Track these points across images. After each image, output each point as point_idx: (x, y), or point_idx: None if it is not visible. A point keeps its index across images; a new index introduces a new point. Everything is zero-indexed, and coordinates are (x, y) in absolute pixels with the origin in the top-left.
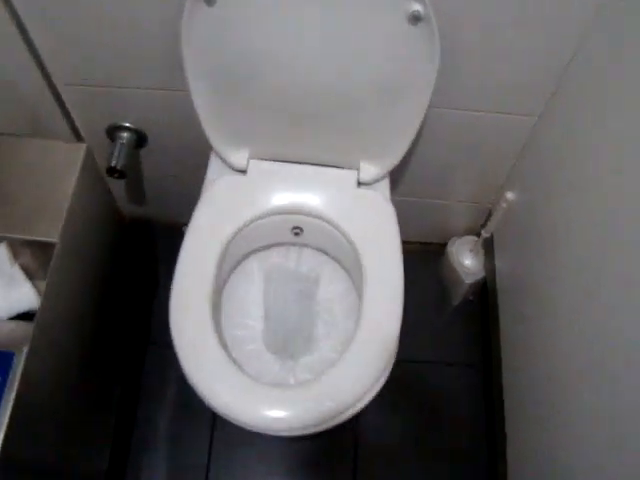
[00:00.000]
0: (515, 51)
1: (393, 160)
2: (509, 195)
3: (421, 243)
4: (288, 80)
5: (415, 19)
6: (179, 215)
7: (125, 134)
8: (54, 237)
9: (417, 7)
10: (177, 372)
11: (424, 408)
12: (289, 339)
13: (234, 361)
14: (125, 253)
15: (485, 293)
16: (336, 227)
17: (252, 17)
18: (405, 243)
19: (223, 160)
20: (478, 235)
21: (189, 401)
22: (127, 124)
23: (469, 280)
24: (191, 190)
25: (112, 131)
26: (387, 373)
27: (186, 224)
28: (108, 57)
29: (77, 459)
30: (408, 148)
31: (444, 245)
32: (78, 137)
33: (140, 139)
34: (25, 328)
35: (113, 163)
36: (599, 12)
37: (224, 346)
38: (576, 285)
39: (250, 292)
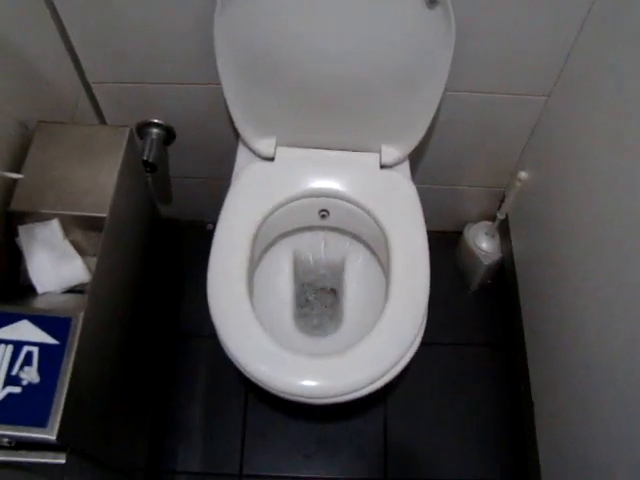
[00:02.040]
0: (524, 31)
1: (413, 142)
2: (522, 175)
3: (437, 231)
4: (312, 68)
5: (432, 3)
6: (204, 214)
7: (155, 130)
8: (103, 212)
9: None
10: (206, 361)
11: (449, 389)
12: (318, 319)
13: (270, 333)
14: (158, 245)
15: (503, 276)
16: (362, 207)
17: (280, 7)
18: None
19: (251, 149)
20: (493, 220)
21: (220, 390)
22: (156, 120)
23: (487, 262)
24: (216, 189)
25: (142, 128)
26: (418, 342)
27: (211, 222)
28: (138, 54)
29: (119, 443)
30: (427, 130)
31: (459, 233)
32: None
33: (169, 135)
34: (77, 300)
35: (145, 156)
36: None
37: (260, 319)
38: (594, 259)
39: (280, 275)
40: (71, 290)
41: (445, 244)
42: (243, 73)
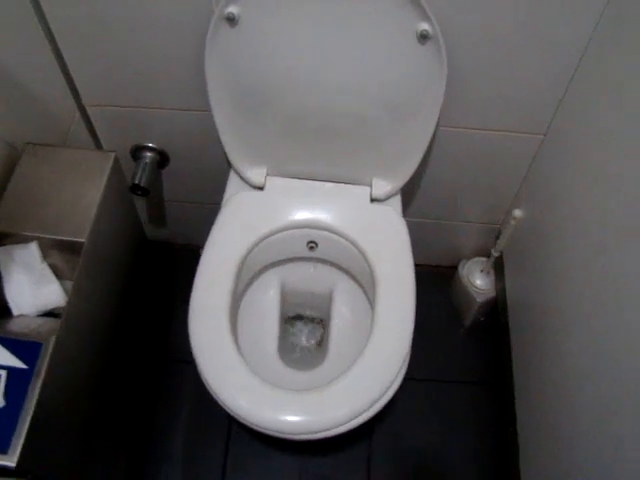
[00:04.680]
0: (519, 69)
1: (405, 176)
2: (517, 213)
3: (431, 266)
4: (305, 99)
5: (423, 38)
6: (198, 238)
7: (149, 154)
8: (82, 237)
9: (425, 26)
10: (193, 387)
11: (437, 426)
12: (303, 352)
13: (251, 367)
14: (145, 268)
15: (496, 313)
16: (350, 241)
17: (271, 39)
18: (415, 266)
19: (242, 177)
20: (488, 256)
21: (204, 417)
22: (150, 144)
23: (480, 299)
24: (210, 214)
25: (136, 151)
26: (400, 378)
27: (202, 248)
28: (134, 79)
29: (92, 467)
30: (419, 164)
31: (454, 267)
32: None
33: (162, 159)
34: (52, 323)
35: (137, 180)
36: (598, 28)
37: (241, 353)
38: (587, 302)
39: (266, 306)
40: (48, 313)
41: (440, 279)
42: (234, 102)
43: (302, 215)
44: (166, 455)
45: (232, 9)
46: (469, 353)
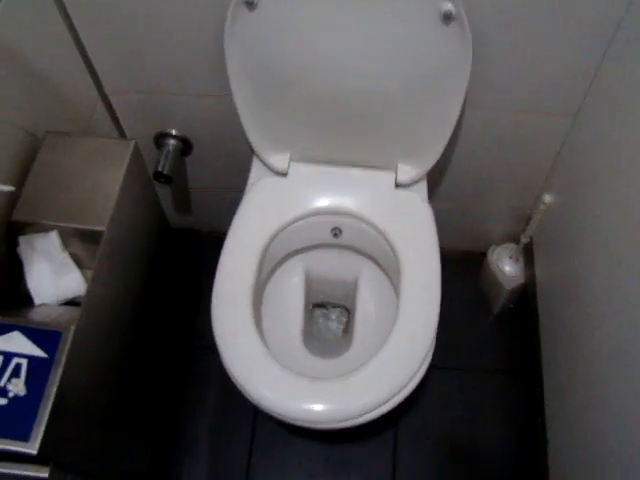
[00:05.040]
0: (548, 47)
1: (430, 161)
2: (547, 198)
3: (460, 251)
4: (327, 84)
5: (447, 18)
6: (222, 225)
7: (172, 141)
8: (102, 226)
9: (449, 6)
10: (219, 375)
11: (464, 415)
12: (329, 340)
13: (275, 356)
14: (169, 255)
15: (525, 300)
16: (374, 228)
17: (291, 21)
18: (443, 250)
19: (265, 163)
20: (517, 242)
21: (230, 404)
22: (173, 132)
23: (509, 286)
24: (233, 199)
25: (159, 139)
26: (425, 366)
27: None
28: (155, 66)
29: (116, 457)
30: (444, 149)
31: (483, 254)
32: None
33: (186, 147)
34: (73, 312)
35: (159, 168)
36: (634, 1)
37: (264, 341)
38: (622, 287)
39: (290, 294)
40: (69, 302)
41: (469, 265)
42: (255, 87)
43: (326, 201)
44: (191, 443)
45: None
46: (497, 341)
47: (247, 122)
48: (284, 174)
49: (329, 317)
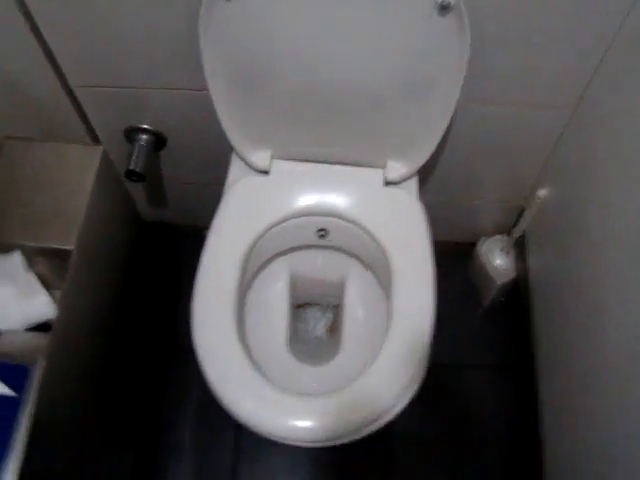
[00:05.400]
0: (552, 37)
1: (421, 158)
2: (541, 193)
3: (448, 242)
4: (310, 77)
5: (444, 9)
6: (201, 218)
7: (144, 136)
8: (70, 244)
9: None
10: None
11: (457, 413)
12: (315, 345)
13: (259, 369)
14: (145, 257)
15: (516, 293)
16: (362, 228)
17: (272, 12)
18: (435, 243)
19: (245, 161)
20: (508, 234)
21: (214, 407)
22: (145, 126)
23: (501, 280)
24: (213, 193)
25: (130, 133)
26: (419, 380)
27: (207, 228)
28: (124, 57)
29: (97, 465)
30: (437, 145)
31: (473, 244)
32: (95, 140)
33: (159, 141)
34: (41, 340)
35: (132, 166)
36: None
37: (248, 353)
38: (618, 282)
39: (275, 296)
40: (37, 327)
41: (458, 256)
42: (233, 82)
43: (311, 201)
44: (176, 447)
45: None
46: (488, 335)
47: (225, 118)
48: (266, 172)
49: (315, 316)
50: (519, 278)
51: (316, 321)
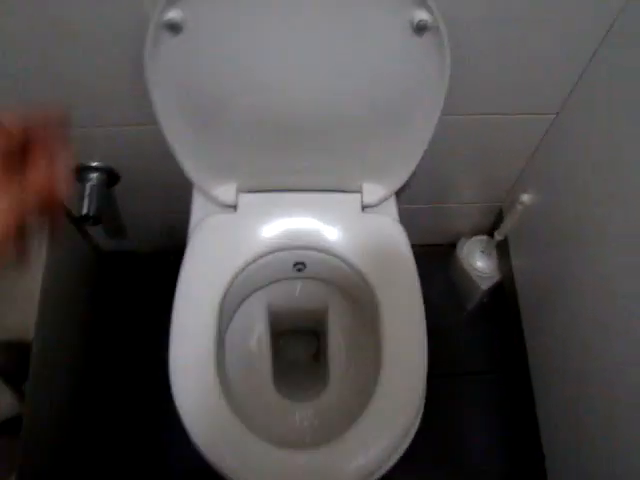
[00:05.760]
0: (536, 47)
1: (400, 179)
2: (525, 198)
3: (426, 245)
4: (273, 105)
5: (421, 29)
6: (165, 244)
7: (94, 174)
8: (27, 335)
9: (423, 16)
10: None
11: (449, 424)
12: (300, 374)
13: (246, 418)
14: (111, 290)
15: (500, 293)
16: (343, 259)
17: (228, 41)
18: (412, 246)
19: (208, 197)
20: (488, 234)
21: None
22: (95, 163)
23: (485, 286)
24: (177, 219)
25: (79, 172)
26: (413, 433)
27: (172, 254)
28: (64, 96)
29: None
30: (416, 166)
31: (451, 245)
32: None
33: (112, 177)
34: (7, 442)
35: (84, 211)
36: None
37: (232, 407)
38: (606, 285)
39: (255, 334)
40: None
41: (436, 257)
42: (187, 116)
43: (285, 236)
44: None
45: (173, 14)
46: (475, 340)
47: (181, 153)
48: (232, 207)
49: (298, 344)
50: (504, 280)
51: (300, 349)
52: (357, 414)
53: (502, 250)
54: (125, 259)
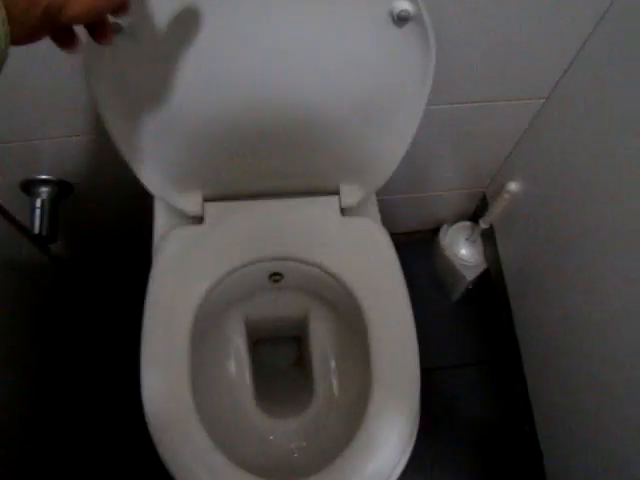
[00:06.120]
0: (528, 31)
1: (381, 177)
2: (512, 186)
3: (407, 233)
4: (238, 103)
5: (402, 20)
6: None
7: (44, 188)
8: None
9: (404, 6)
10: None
11: (443, 419)
12: (282, 390)
13: (225, 445)
14: (73, 314)
15: (486, 282)
16: (323, 269)
17: (183, 40)
18: (391, 235)
19: (172, 208)
20: (471, 219)
21: None
22: (44, 176)
23: (471, 276)
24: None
25: (27, 186)
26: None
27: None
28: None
29: None
30: (400, 162)
31: (433, 231)
32: None
33: (64, 189)
34: None
35: (36, 230)
36: None
37: (212, 430)
38: (599, 267)
39: (232, 349)
40: None
41: (418, 245)
42: (140, 124)
43: (257, 247)
44: None
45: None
46: (462, 330)
47: (136, 164)
48: (199, 218)
49: (279, 351)
50: (491, 268)
51: (280, 356)
52: (347, 431)
53: (487, 238)
54: (87, 267)
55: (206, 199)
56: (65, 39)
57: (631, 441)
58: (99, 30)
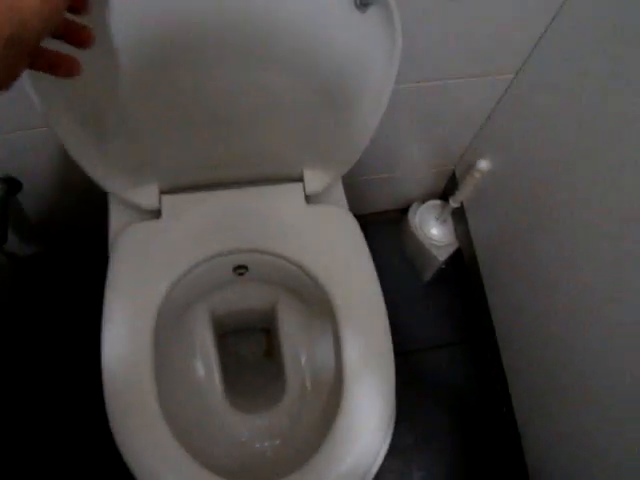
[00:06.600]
0: (495, 10)
1: (347, 162)
2: (482, 164)
3: (373, 213)
4: (193, 88)
5: (364, 4)
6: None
7: None
8: None
9: None
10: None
11: (421, 403)
12: (253, 383)
13: (193, 446)
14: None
15: (459, 262)
16: (288, 260)
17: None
18: (357, 217)
19: (126, 202)
20: (441, 198)
21: None
22: None
23: (443, 256)
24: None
25: None
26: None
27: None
28: None
29: None
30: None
31: (401, 210)
32: None
33: (13, 186)
34: None
35: None
36: None
37: (179, 430)
38: (567, 249)
39: (200, 344)
40: None
41: (385, 225)
42: (83, 119)
43: (220, 240)
44: None
45: None
46: (436, 311)
47: (81, 157)
48: (156, 212)
49: (247, 342)
50: (462, 247)
51: (249, 347)
52: (324, 421)
53: (458, 217)
54: (44, 263)
55: (163, 192)
56: (54, 64)
57: (607, 422)
58: (71, 34)
